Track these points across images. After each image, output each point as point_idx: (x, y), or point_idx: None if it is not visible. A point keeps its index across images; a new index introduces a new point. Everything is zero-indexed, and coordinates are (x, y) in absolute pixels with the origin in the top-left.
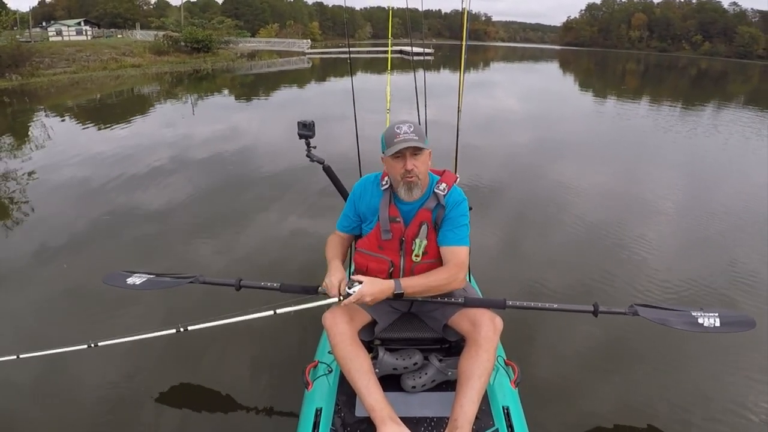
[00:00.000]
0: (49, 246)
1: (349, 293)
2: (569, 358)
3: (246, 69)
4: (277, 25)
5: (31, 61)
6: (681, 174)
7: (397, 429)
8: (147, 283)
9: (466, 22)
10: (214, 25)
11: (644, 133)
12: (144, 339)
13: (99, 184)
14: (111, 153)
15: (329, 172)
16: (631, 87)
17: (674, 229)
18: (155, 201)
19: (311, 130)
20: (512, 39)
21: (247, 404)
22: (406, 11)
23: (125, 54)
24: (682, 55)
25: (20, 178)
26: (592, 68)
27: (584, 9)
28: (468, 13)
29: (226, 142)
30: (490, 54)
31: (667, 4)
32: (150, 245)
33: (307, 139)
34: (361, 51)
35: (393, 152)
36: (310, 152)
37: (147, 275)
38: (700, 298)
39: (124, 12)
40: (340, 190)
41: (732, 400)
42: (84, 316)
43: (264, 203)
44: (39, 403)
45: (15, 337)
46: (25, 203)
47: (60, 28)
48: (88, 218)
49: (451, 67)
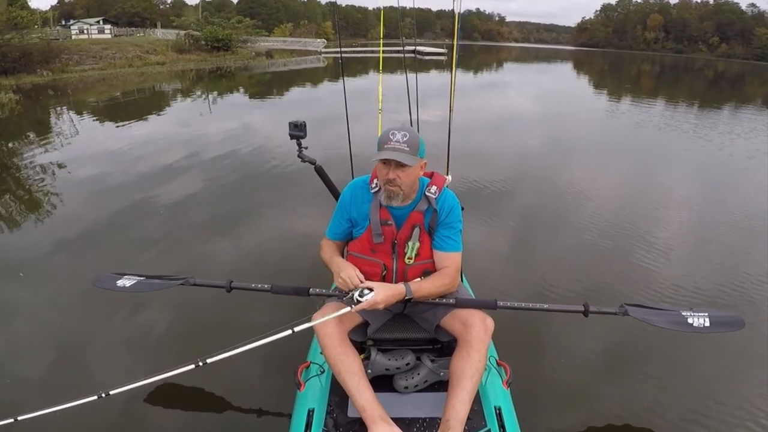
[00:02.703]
0: (62, 239)
1: (360, 300)
2: (561, 358)
3: (263, 67)
4: (291, 25)
5: (60, 58)
6: (694, 177)
7: (388, 429)
8: (137, 285)
9: (458, 22)
10: (233, 25)
11: (655, 134)
12: (163, 378)
13: (116, 179)
14: (130, 149)
15: (321, 173)
16: (645, 88)
17: (685, 234)
18: (167, 198)
19: (303, 131)
20: (526, 39)
21: (238, 405)
22: (414, 11)
23: (148, 52)
24: (699, 56)
25: (46, 170)
26: (606, 69)
27: (599, 10)
28: (459, 14)
29: (240, 140)
30: (503, 54)
31: (684, 5)
32: (157, 243)
33: (299, 140)
34: (375, 51)
35: (378, 158)
36: (302, 153)
37: (137, 277)
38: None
39: (142, 11)
40: (332, 191)
41: (729, 403)
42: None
43: (275, 203)
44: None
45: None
46: (54, 195)
47: (82, 26)
48: (104, 213)
49: (463, 67)
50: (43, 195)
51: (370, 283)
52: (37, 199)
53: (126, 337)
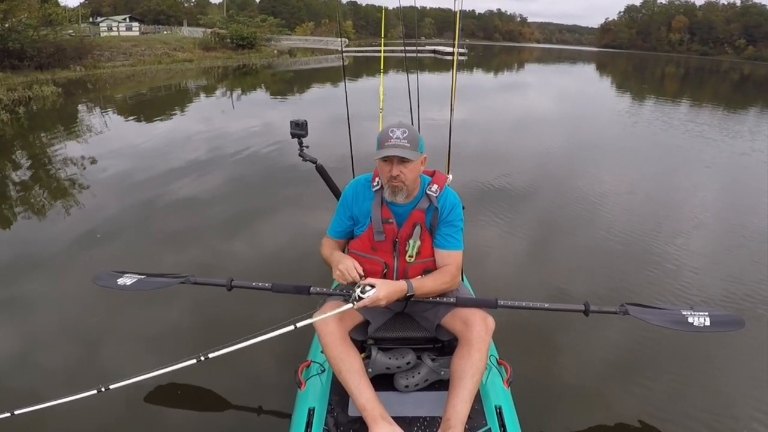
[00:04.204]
0: (77, 232)
1: (362, 297)
2: (562, 357)
3: (286, 65)
4: (312, 24)
5: (92, 54)
6: (717, 181)
7: (389, 428)
8: (137, 284)
9: (459, 22)
10: (257, 23)
11: (677, 136)
12: (164, 373)
13: (139, 175)
14: (154, 144)
15: (322, 172)
16: (669, 90)
17: (705, 240)
18: (188, 194)
19: (304, 130)
20: (548, 40)
21: (238, 404)
22: (433, 11)
23: (176, 49)
24: (725, 59)
25: (75, 163)
26: (629, 71)
27: (622, 11)
28: (460, 12)
29: (260, 138)
30: (524, 55)
31: (710, 6)
32: (173, 238)
33: (300, 138)
34: (395, 50)
35: (381, 156)
36: (303, 151)
37: (138, 275)
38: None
39: (167, 9)
40: (333, 190)
41: (730, 404)
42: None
43: (290, 201)
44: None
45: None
46: (83, 188)
47: (111, 23)
48: (121, 206)
49: (484, 68)
50: (70, 187)
51: (372, 280)
52: (64, 191)
53: (130, 331)
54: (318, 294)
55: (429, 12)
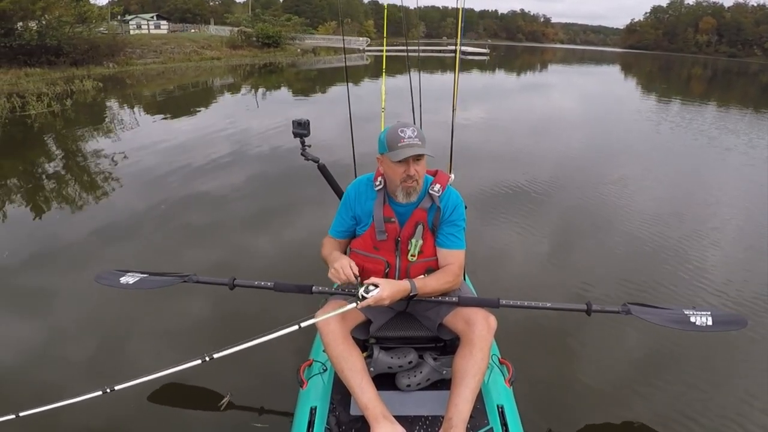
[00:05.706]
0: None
1: (366, 297)
2: (564, 357)
3: (310, 64)
4: (334, 23)
5: (124, 51)
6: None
7: (390, 427)
8: (140, 282)
9: (461, 21)
10: (282, 22)
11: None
12: (168, 374)
13: (162, 170)
14: (180, 141)
15: (324, 171)
16: (696, 92)
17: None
18: (209, 191)
19: (306, 129)
20: (572, 41)
21: (240, 403)
22: (456, 11)
23: (204, 47)
24: (753, 61)
25: (107, 156)
26: (654, 72)
27: (648, 11)
28: (463, 11)
29: (283, 135)
30: (547, 56)
31: (739, 8)
32: (186, 236)
33: (302, 138)
34: (416, 50)
35: (404, 157)
36: (305, 151)
37: (140, 274)
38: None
39: (194, 7)
40: (335, 190)
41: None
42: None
43: (310, 199)
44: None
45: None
46: (116, 181)
47: (140, 21)
48: (143, 203)
49: (506, 68)
50: (100, 180)
51: (375, 280)
52: (93, 184)
53: (135, 330)
54: (320, 293)
55: (450, 12)
